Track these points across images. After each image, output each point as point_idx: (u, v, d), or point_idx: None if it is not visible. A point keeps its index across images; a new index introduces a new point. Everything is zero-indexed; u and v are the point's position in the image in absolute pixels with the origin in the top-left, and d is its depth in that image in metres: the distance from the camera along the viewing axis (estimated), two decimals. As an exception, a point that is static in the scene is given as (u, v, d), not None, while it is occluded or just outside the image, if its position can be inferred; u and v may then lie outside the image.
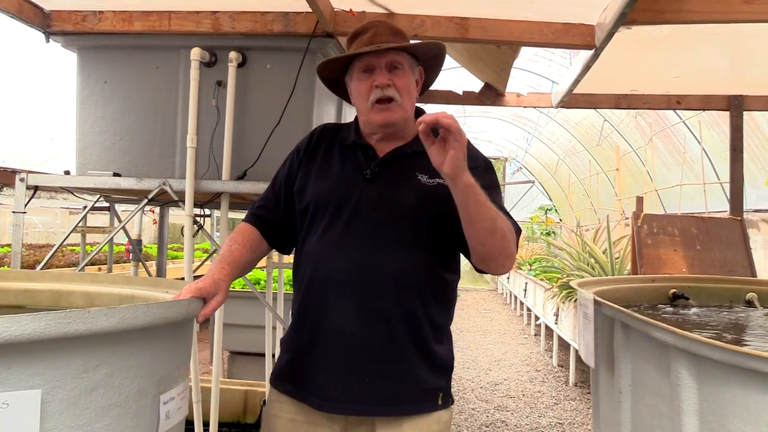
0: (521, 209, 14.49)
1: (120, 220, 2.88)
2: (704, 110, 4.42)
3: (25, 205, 2.46)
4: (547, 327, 6.83)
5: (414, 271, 1.40)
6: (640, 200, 3.35)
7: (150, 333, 1.04)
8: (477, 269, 1.44)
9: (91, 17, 2.53)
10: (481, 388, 5.38)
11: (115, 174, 2.46)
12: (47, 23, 2.55)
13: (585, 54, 2.73)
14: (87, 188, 2.56)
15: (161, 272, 3.34)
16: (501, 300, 12.82)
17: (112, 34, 2.54)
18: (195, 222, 2.52)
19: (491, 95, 3.68)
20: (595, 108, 5.81)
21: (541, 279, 7.43)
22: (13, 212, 2.46)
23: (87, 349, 0.94)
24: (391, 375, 1.39)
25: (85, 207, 2.94)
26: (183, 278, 2.37)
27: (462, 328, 8.52)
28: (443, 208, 1.36)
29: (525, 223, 13.67)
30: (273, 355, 2.99)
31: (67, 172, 2.60)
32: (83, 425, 0.94)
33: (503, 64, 3.16)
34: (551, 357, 6.56)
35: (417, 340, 1.41)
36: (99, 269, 6.20)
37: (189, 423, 1.41)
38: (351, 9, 2.42)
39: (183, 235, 2.62)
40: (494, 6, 2.40)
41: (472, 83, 3.84)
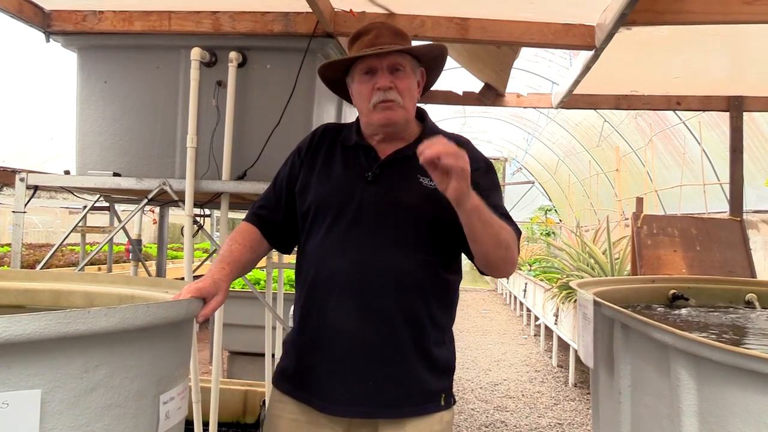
0: (521, 210, 14.50)
1: (120, 220, 2.88)
2: (704, 111, 4.41)
3: (25, 205, 2.46)
4: (547, 327, 6.83)
5: (415, 272, 1.41)
6: (640, 201, 3.36)
7: (150, 333, 1.04)
8: (480, 272, 1.46)
9: (91, 17, 2.53)
10: (481, 389, 5.38)
11: (115, 174, 2.46)
12: (47, 23, 2.55)
13: (585, 55, 2.73)
14: (87, 188, 2.56)
15: (161, 272, 3.34)
16: (501, 300, 12.81)
17: (112, 34, 2.54)
18: (195, 222, 2.52)
19: (491, 96, 3.68)
20: (595, 109, 5.79)
21: (541, 279, 7.42)
22: (13, 212, 2.46)
23: (87, 349, 0.94)
24: (393, 377, 1.39)
25: (85, 207, 2.94)
26: (183, 278, 2.37)
27: (462, 329, 8.51)
28: (444, 210, 1.36)
29: (525, 224, 13.68)
30: (273, 355, 2.99)
31: (67, 172, 2.60)
32: (83, 425, 0.94)
33: (503, 65, 3.16)
34: (551, 357, 6.56)
35: (419, 342, 1.41)
36: (99, 269, 6.20)
37: (189, 423, 1.40)
38: (351, 9, 2.42)
39: (183, 235, 2.62)
40: (494, 6, 2.40)
41: (472, 83, 3.84)
